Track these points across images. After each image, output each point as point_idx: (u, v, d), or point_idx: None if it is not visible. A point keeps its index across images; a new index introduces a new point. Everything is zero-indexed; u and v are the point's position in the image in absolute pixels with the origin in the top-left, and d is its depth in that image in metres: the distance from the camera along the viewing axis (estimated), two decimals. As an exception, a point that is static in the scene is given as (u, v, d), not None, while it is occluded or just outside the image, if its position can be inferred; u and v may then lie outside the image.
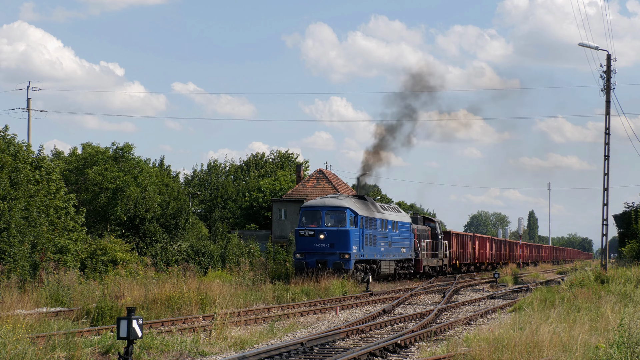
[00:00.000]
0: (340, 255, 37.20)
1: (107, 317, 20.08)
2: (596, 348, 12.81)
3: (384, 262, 42.51)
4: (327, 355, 16.07)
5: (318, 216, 38.21)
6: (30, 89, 51.54)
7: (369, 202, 42.25)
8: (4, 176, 30.17)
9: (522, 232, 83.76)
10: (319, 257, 37.34)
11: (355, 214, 38.42)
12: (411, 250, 48.01)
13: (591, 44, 37.44)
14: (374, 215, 41.43)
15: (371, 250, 40.39)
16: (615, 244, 77.92)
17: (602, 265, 37.06)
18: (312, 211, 38.53)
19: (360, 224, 38.74)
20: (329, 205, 38.37)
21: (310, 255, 37.42)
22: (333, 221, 38.05)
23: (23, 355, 13.22)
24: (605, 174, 36.72)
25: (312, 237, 37.60)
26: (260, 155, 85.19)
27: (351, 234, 37.77)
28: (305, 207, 39.34)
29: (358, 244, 38.28)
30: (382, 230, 42.29)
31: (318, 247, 37.50)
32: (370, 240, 40.21)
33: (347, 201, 38.77)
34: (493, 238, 79.59)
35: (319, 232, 37.66)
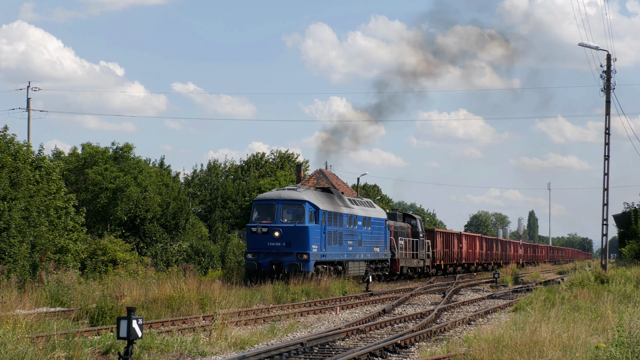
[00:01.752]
0: (298, 256, 32.92)
1: (107, 317, 20.08)
2: (596, 348, 12.81)
3: (352, 262, 38.42)
4: (327, 355, 16.07)
5: (273, 211, 33.71)
6: (30, 89, 51.52)
7: (334, 196, 38.10)
8: (4, 176, 30.17)
9: (522, 232, 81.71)
10: (273, 257, 33.07)
11: (316, 209, 34.06)
12: (386, 249, 43.77)
13: (591, 44, 37.46)
14: (340, 210, 37.25)
15: (336, 249, 36.26)
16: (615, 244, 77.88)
17: (602, 265, 37.07)
18: (266, 205, 34.02)
19: (323, 219, 34.52)
20: (285, 198, 33.89)
21: (263, 255, 33.15)
22: (290, 216, 33.66)
23: (23, 355, 13.22)
24: (605, 174, 36.73)
25: (265, 235, 33.18)
26: (260, 155, 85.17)
27: (310, 231, 33.46)
28: (259, 200, 34.77)
29: (319, 242, 34.10)
30: (350, 227, 38.15)
31: (272, 246, 33.18)
32: (335, 239, 36.08)
33: (307, 193, 34.45)
34: (484, 237, 75.25)
35: (273, 229, 33.22)
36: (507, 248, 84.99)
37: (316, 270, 33.79)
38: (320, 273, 34.22)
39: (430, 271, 54.47)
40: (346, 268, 37.47)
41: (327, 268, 35.23)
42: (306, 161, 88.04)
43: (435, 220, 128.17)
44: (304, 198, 33.76)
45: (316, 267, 33.80)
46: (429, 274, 54.06)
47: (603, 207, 36.91)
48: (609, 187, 36.77)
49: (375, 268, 42.23)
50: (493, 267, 76.01)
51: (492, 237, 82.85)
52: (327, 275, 34.79)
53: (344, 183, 73.02)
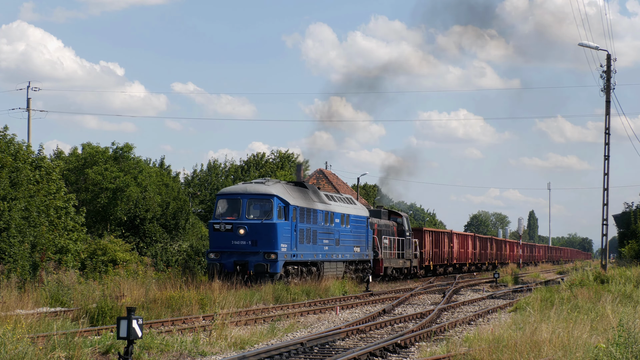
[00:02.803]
0: (265, 255, 30.14)
1: (107, 317, 20.08)
2: (596, 348, 12.81)
3: (328, 263, 35.53)
4: (327, 355, 16.08)
5: (238, 206, 30.88)
6: (30, 89, 51.52)
7: (309, 191, 35.12)
8: (4, 176, 30.17)
9: (522, 232, 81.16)
10: (238, 257, 30.33)
11: (286, 204, 31.20)
12: (368, 249, 41.00)
13: (591, 44, 37.47)
14: (314, 206, 34.17)
15: (309, 249, 33.34)
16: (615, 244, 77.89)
17: (602, 265, 37.09)
18: (231, 199, 31.24)
19: (294, 216, 31.62)
20: (252, 192, 31.04)
21: (227, 255, 30.42)
22: (257, 212, 30.84)
23: (23, 355, 13.22)
24: (605, 174, 36.74)
25: (229, 233, 30.38)
26: (260, 155, 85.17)
27: (279, 228, 30.59)
28: (222, 195, 31.96)
29: (289, 241, 31.24)
30: (326, 224, 35.25)
31: (237, 245, 30.41)
32: (308, 237, 33.20)
33: (276, 187, 31.62)
34: (477, 236, 72.09)
35: (238, 226, 30.41)
36: (502, 248, 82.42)
37: (286, 271, 31.24)
38: (290, 275, 31.63)
39: (418, 272, 52.03)
40: (321, 269, 34.65)
41: (298, 269, 32.53)
42: (306, 161, 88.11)
43: (435, 220, 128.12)
44: (272, 192, 30.98)
45: (286, 268, 31.18)
46: (416, 275, 51.67)
47: (603, 207, 36.92)
48: (609, 187, 36.80)
49: (355, 269, 39.47)
50: (487, 267, 73.92)
51: (486, 236, 79.57)
52: (298, 277, 32.36)
53: (344, 183, 73.05)
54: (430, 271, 56.68)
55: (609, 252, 44.15)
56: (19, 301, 21.22)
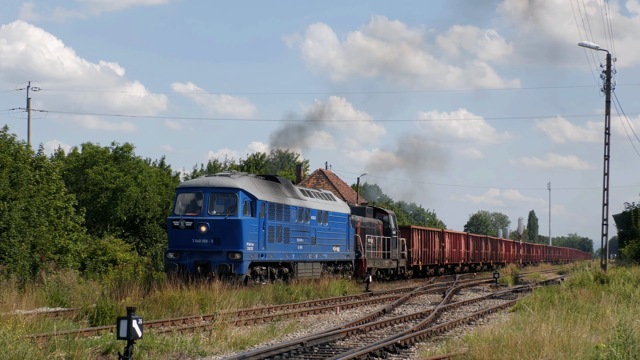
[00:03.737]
0: (229, 255, 27.62)
1: (107, 317, 20.08)
2: (596, 348, 12.82)
3: (302, 264, 32.89)
4: (327, 355, 16.08)
5: (199, 201, 28.40)
6: (30, 89, 51.55)
7: (281, 185, 32.49)
8: (4, 176, 30.19)
9: (522, 232, 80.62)
10: (200, 257, 27.80)
11: (253, 199, 28.61)
12: (349, 248, 38.35)
13: (591, 44, 37.47)
14: (287, 202, 31.58)
15: (280, 248, 30.73)
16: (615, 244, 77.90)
17: (602, 265, 37.10)
18: (192, 194, 28.72)
19: (262, 212, 29.05)
20: (214, 186, 28.51)
21: (187, 254, 27.83)
22: (220, 208, 28.30)
23: (23, 355, 13.23)
24: (605, 174, 36.74)
25: (189, 230, 27.88)
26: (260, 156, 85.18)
27: (244, 225, 28.01)
28: (182, 188, 29.31)
29: (257, 239, 28.66)
30: (300, 222, 32.66)
31: (198, 244, 27.87)
32: (279, 235, 30.59)
33: (242, 181, 28.99)
34: (470, 235, 68.88)
35: (199, 223, 27.90)
36: (498, 247, 79.47)
37: (253, 272, 28.80)
38: (258, 276, 29.27)
39: (405, 273, 49.32)
40: (294, 270, 32.15)
41: (267, 270, 30.09)
42: (306, 161, 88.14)
43: (435, 220, 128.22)
44: (237, 186, 28.38)
45: (253, 269, 28.75)
46: (403, 276, 49.02)
47: (603, 207, 36.92)
48: (609, 187, 36.80)
49: (335, 270, 36.85)
50: (482, 268, 71.67)
51: (480, 235, 76.26)
52: (268, 279, 30.02)
53: (343, 183, 73.04)
54: (419, 272, 53.84)
55: (609, 252, 44.14)
56: (19, 301, 21.22)
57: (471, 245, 67.45)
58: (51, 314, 20.50)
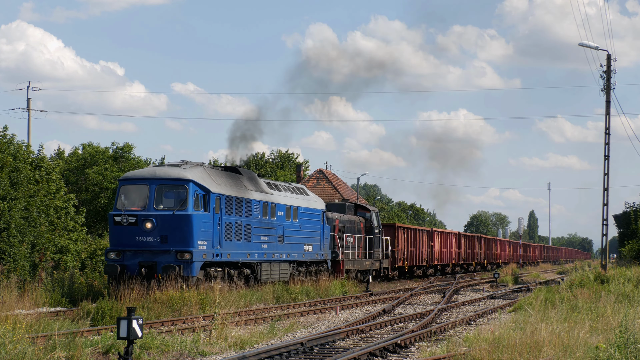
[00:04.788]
0: (178, 255, 24.65)
1: (107, 317, 20.08)
2: (596, 348, 12.82)
3: (267, 264, 29.90)
4: (327, 355, 16.08)
5: (144, 193, 25.37)
6: (30, 89, 51.56)
7: (243, 177, 29.47)
8: (4, 176, 30.18)
9: (522, 232, 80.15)
10: (144, 257, 24.82)
11: (207, 191, 25.72)
12: (323, 247, 35.27)
13: (591, 44, 37.48)
14: (248, 196, 28.52)
15: (240, 247, 27.85)
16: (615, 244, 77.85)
17: (602, 265, 37.10)
18: (136, 186, 25.67)
19: (217, 206, 26.22)
20: (161, 177, 25.51)
21: (130, 254, 24.91)
22: (168, 202, 25.33)
23: (23, 355, 13.22)
24: (605, 174, 36.75)
25: (133, 227, 24.89)
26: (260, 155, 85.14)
27: (195, 221, 25.08)
28: (126, 180, 26.15)
29: (210, 237, 25.80)
30: (265, 218, 29.73)
31: (143, 242, 24.93)
32: (239, 233, 27.74)
33: (193, 172, 26.00)
34: (462, 234, 65.84)
35: (143, 219, 24.88)
36: (493, 247, 76.41)
37: (206, 274, 25.95)
38: (213, 279, 26.22)
39: (389, 274, 46.49)
40: (258, 272, 29.26)
41: (224, 272, 27.13)
42: (306, 161, 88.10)
43: (436, 220, 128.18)
44: (188, 177, 25.43)
45: (206, 271, 25.92)
46: (387, 277, 46.27)
47: (603, 207, 36.93)
48: (609, 187, 36.81)
49: (307, 272, 34.02)
50: (475, 268, 69.33)
51: (473, 234, 72.94)
52: (225, 282, 26.91)
53: (344, 183, 73.04)
54: (405, 273, 51.03)
55: (609, 252, 44.14)
56: (18, 301, 21.22)
57: (463, 245, 64.78)
58: (51, 314, 20.51)
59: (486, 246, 73.27)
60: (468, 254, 66.28)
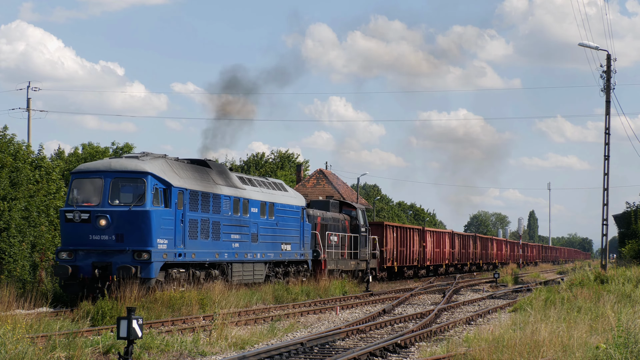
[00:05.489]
0: (135, 255, 22.76)
1: (107, 317, 20.08)
2: (596, 348, 12.82)
3: (239, 265, 28.11)
4: (327, 355, 16.08)
5: (98, 188, 23.38)
6: (30, 89, 51.55)
7: (211, 171, 27.58)
8: (4, 176, 30.18)
9: (522, 232, 79.81)
10: (98, 257, 22.90)
11: (168, 185, 23.82)
12: (304, 246, 33.41)
13: (591, 44, 37.49)
14: (217, 191, 26.70)
15: (207, 246, 25.95)
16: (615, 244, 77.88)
17: (602, 265, 37.10)
18: (90, 179, 23.64)
19: (180, 202, 24.27)
20: (117, 170, 23.55)
21: (83, 254, 23.02)
22: (125, 197, 23.41)
23: (23, 355, 13.23)
24: (605, 174, 36.75)
25: (86, 224, 23.00)
26: (260, 155, 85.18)
27: (154, 217, 23.11)
28: (79, 173, 24.06)
29: (172, 235, 23.90)
30: (236, 215, 27.88)
31: (97, 241, 22.99)
32: (206, 230, 25.85)
33: (153, 164, 24.04)
34: (456, 233, 63.66)
35: (97, 215, 22.98)
36: (488, 246, 74.37)
37: (168, 275, 24.06)
38: (175, 281, 24.39)
39: (377, 275, 44.36)
40: (228, 273, 27.42)
41: (189, 273, 25.29)
42: (306, 161, 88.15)
43: (436, 220, 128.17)
44: (146, 169, 23.46)
45: (167, 272, 24.00)
46: (375, 277, 43.79)
47: (603, 207, 36.93)
48: (609, 187, 36.81)
49: (284, 272, 32.30)
50: (470, 269, 67.61)
51: (468, 234, 70.30)
52: (190, 284, 25.13)
53: (343, 183, 73.03)
54: (395, 274, 49.09)
55: (609, 252, 44.16)
56: (19, 301, 21.22)
57: (457, 245, 62.75)
58: (51, 314, 20.51)
59: (482, 246, 71.57)
60: (462, 254, 64.56)
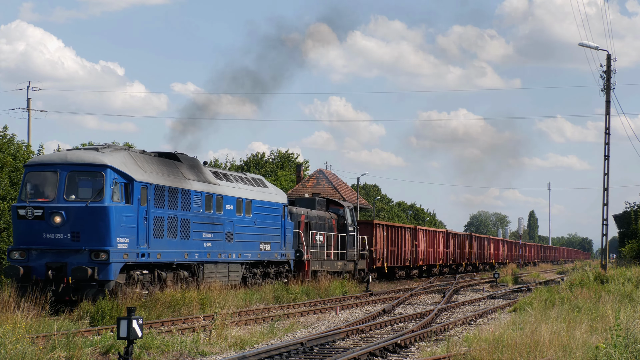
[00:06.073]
0: (92, 255, 21.00)
1: (107, 317, 20.08)
2: (596, 348, 12.82)
3: (211, 266, 26.41)
4: (327, 355, 16.08)
5: (53, 182, 21.62)
6: (30, 89, 51.55)
7: (182, 165, 25.77)
8: (4, 176, 30.18)
9: (522, 232, 79.66)
10: (53, 257, 21.20)
11: (129, 180, 22.04)
12: (284, 246, 31.78)
13: (591, 44, 37.49)
14: (187, 186, 24.97)
15: (175, 245, 24.14)
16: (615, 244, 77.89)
17: (602, 265, 37.10)
18: (44, 173, 21.90)
19: (143, 198, 22.53)
20: (74, 162, 21.70)
21: (36, 254, 21.35)
22: (83, 192, 21.53)
23: (23, 355, 13.23)
24: (605, 174, 36.75)
25: (40, 221, 21.30)
26: (260, 155, 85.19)
27: (113, 214, 21.32)
28: (33, 166, 22.35)
29: (134, 233, 22.13)
30: (208, 212, 26.18)
31: (51, 240, 21.25)
32: (174, 229, 24.04)
33: (113, 156, 22.16)
34: (450, 232, 62.14)
35: (52, 212, 21.24)
36: (485, 246, 72.81)
37: (130, 277, 22.20)
38: (138, 283, 22.53)
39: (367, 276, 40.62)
40: (199, 274, 25.64)
41: (154, 275, 23.40)
42: (306, 161, 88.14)
43: (436, 220, 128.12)
44: (105, 162, 21.60)
45: (129, 273, 22.17)
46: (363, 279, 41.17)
47: (603, 207, 36.93)
48: (609, 187, 36.82)
49: (264, 273, 30.60)
50: (466, 269, 66.23)
51: (464, 233, 68.49)
52: (156, 287, 23.31)
53: (343, 183, 73.03)
54: (385, 275, 47.50)
55: (608, 252, 44.17)
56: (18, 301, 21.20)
57: (451, 244, 61.13)
58: (51, 314, 20.47)
59: (478, 245, 69.97)
60: (457, 253, 63.00)
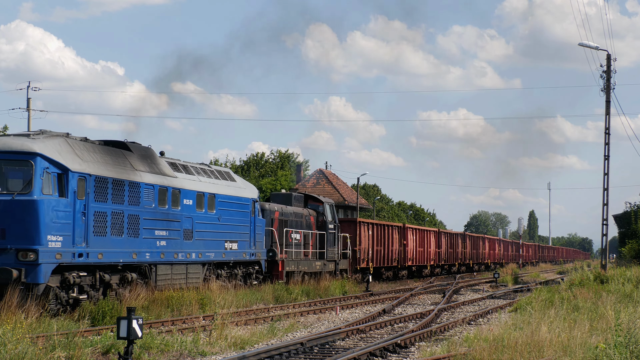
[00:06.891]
0: (19, 255, 18.76)
1: (107, 317, 20.08)
2: (596, 348, 12.83)
3: (166, 267, 24.15)
4: (327, 355, 16.08)
5: None
6: (30, 89, 51.60)
7: (132, 155, 23.35)
8: (4, 176, 30.17)
9: (522, 232, 79.55)
10: None
11: (64, 170, 19.71)
12: (254, 245, 29.51)
13: (591, 44, 37.49)
14: (135, 178, 22.55)
15: (122, 244, 21.86)
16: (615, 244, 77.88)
17: (602, 265, 37.11)
18: None
19: (81, 190, 20.13)
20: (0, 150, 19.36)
21: None
22: (10, 183, 19.30)
23: (23, 355, 13.22)
24: (605, 174, 36.76)
25: None
26: (260, 155, 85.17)
27: (44, 208, 18.99)
28: None
29: (70, 230, 19.77)
30: (162, 207, 23.83)
31: None
32: (119, 225, 21.68)
33: (46, 143, 19.79)
34: (442, 232, 59.73)
35: None
36: (480, 246, 70.42)
37: (65, 281, 19.90)
38: (75, 287, 20.23)
39: (349, 277, 39.41)
40: (151, 276, 23.40)
41: (95, 277, 21.04)
42: (306, 161, 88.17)
43: (435, 220, 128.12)
44: (34, 150, 19.27)
45: (64, 276, 19.85)
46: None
47: (603, 207, 36.94)
48: (609, 187, 36.83)
49: (230, 275, 28.32)
50: (459, 269, 64.11)
51: (457, 232, 65.85)
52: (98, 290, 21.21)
53: (343, 183, 73.07)
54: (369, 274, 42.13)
55: (609, 252, 44.17)
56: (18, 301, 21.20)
57: (444, 244, 58.86)
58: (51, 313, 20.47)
59: (472, 245, 67.68)
60: (450, 253, 60.74)
